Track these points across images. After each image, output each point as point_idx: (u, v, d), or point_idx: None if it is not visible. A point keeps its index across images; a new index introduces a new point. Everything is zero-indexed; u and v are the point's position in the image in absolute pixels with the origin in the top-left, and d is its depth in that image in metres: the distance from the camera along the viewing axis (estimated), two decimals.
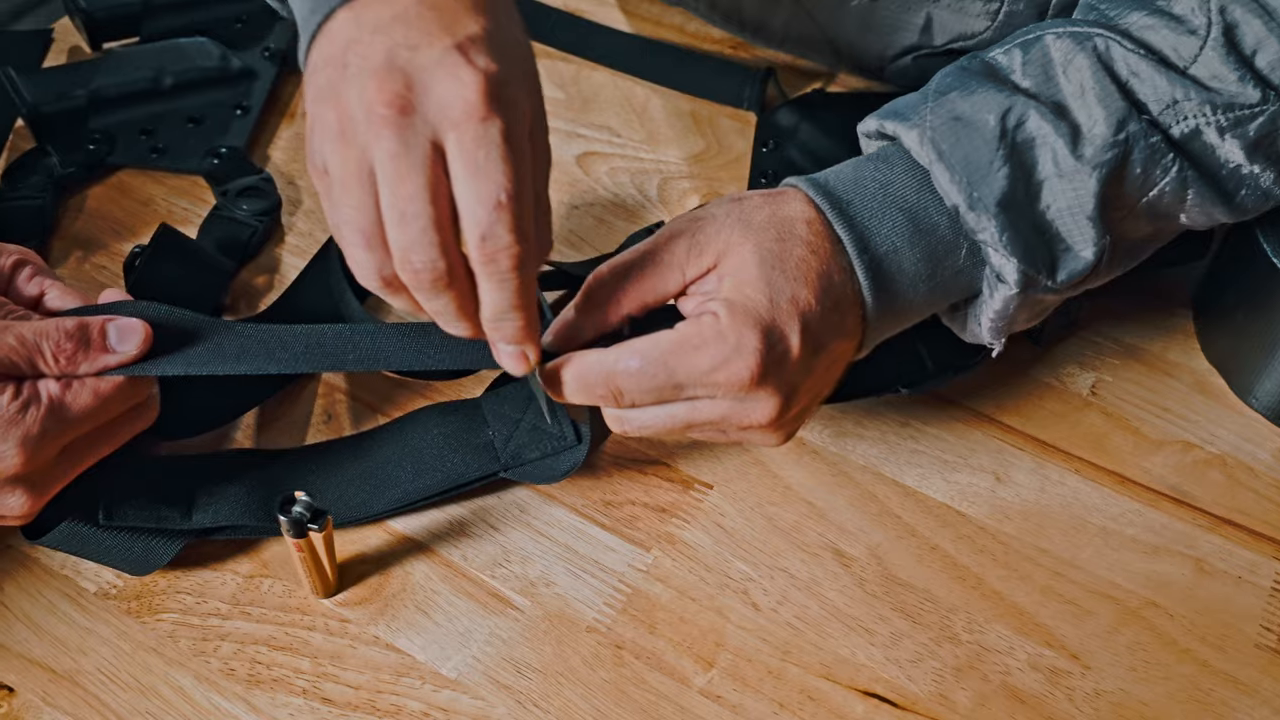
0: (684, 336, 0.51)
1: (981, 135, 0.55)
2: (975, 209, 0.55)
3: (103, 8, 0.85)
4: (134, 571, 0.60)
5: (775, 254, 0.52)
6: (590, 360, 0.52)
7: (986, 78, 0.57)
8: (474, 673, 0.58)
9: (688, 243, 0.53)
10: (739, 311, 0.51)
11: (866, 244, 0.54)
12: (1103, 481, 0.65)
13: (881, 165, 0.56)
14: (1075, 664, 0.58)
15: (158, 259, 0.69)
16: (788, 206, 0.54)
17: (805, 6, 0.81)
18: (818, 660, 0.58)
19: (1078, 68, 0.56)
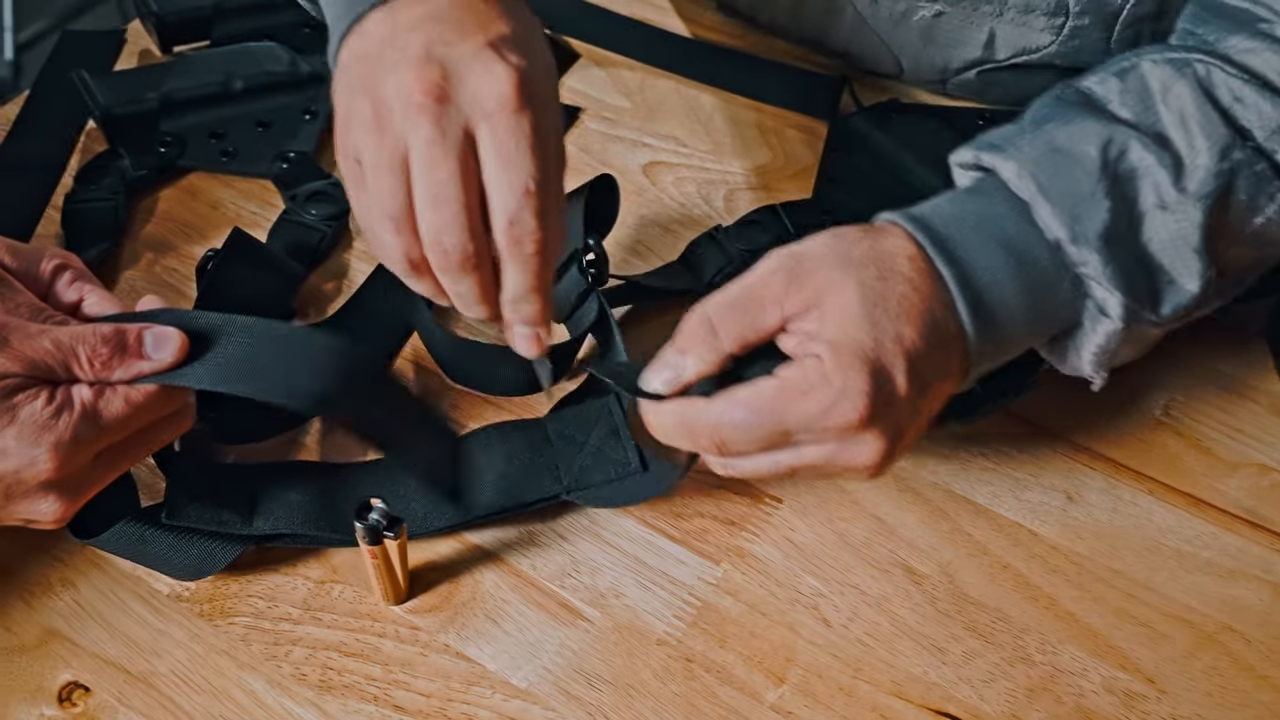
0: (789, 383, 0.50)
1: (1082, 167, 0.54)
2: (1078, 243, 0.54)
3: (174, 11, 0.85)
4: (185, 577, 0.61)
5: (878, 291, 0.52)
6: (696, 411, 0.52)
7: (1083, 107, 0.57)
8: (544, 683, 0.58)
9: (786, 278, 0.52)
10: (844, 353, 0.50)
11: (968, 279, 0.53)
12: (1176, 503, 0.64)
13: (980, 198, 0.56)
14: (1151, 688, 0.58)
15: (229, 263, 0.69)
16: (887, 241, 0.54)
17: (868, 20, 0.81)
18: (889, 678, 0.58)
19: (1177, 95, 0.55)
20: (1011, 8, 0.75)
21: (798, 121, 0.84)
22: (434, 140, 0.50)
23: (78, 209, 0.76)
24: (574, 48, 0.89)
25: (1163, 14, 0.74)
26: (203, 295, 0.68)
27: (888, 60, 0.84)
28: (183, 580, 0.61)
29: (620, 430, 0.63)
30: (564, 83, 0.86)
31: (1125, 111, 0.56)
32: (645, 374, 0.54)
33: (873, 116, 0.80)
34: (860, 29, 0.83)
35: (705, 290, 0.72)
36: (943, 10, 0.77)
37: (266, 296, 0.70)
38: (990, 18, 0.77)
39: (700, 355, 0.52)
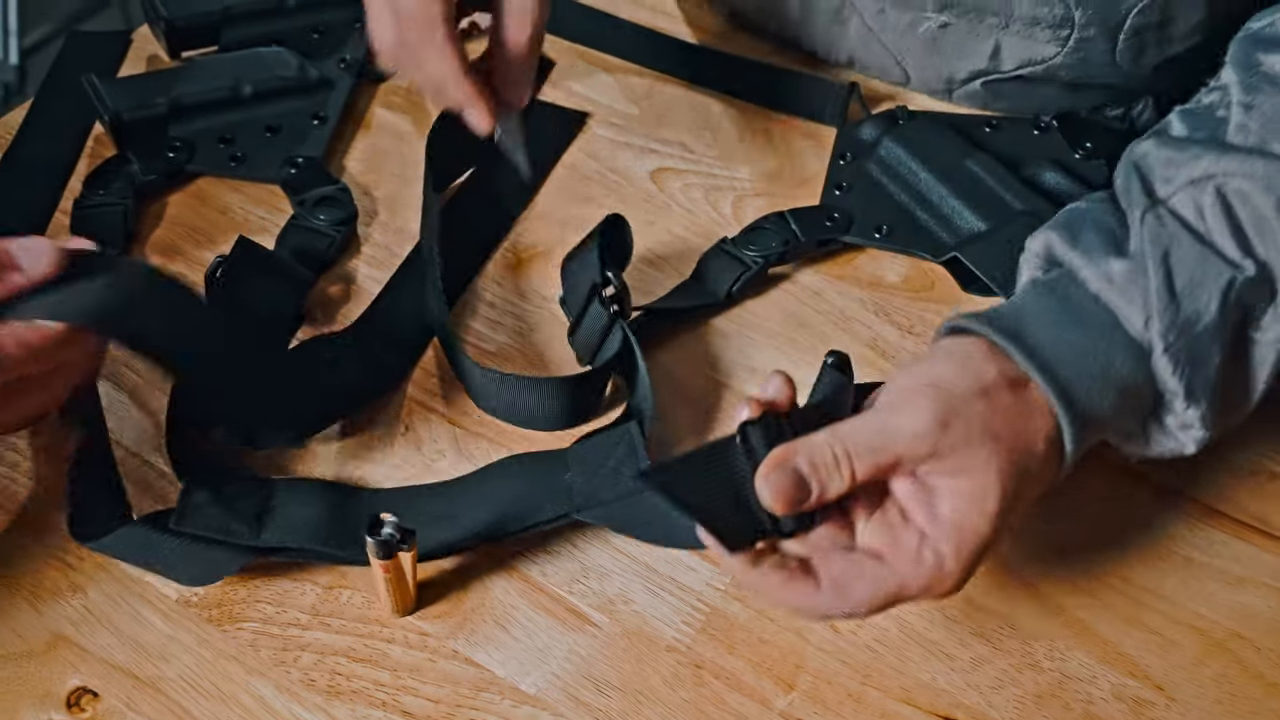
0: (910, 582, 0.50)
1: (1204, 325, 0.54)
2: (1190, 398, 0.54)
3: (183, 16, 0.85)
4: (189, 583, 0.61)
5: (1015, 489, 0.51)
6: (805, 598, 0.51)
7: (1192, 239, 0.55)
8: (553, 689, 0.58)
9: (931, 446, 0.50)
10: (966, 549, 0.50)
11: (1084, 431, 0.53)
12: (1186, 510, 0.64)
13: (1100, 341, 0.54)
14: (1160, 695, 0.58)
15: (238, 270, 0.69)
16: (1033, 420, 0.52)
17: (874, 30, 0.81)
18: (898, 684, 0.58)
19: (1265, 222, 0.55)
20: (1017, 19, 0.75)
21: (805, 128, 0.84)
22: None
23: (87, 213, 0.76)
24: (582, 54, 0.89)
25: (1165, 23, 0.74)
26: (212, 302, 0.68)
27: (894, 70, 0.84)
28: (187, 586, 0.61)
29: (638, 450, 0.63)
30: (571, 88, 0.86)
31: (1227, 244, 0.55)
32: (762, 484, 0.50)
33: (881, 123, 0.80)
34: (866, 39, 0.83)
35: (725, 303, 0.73)
36: (948, 22, 0.77)
37: (275, 302, 0.70)
38: (996, 29, 0.77)
39: (826, 488, 0.50)
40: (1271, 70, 0.59)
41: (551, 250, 0.76)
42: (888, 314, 0.73)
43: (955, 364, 0.53)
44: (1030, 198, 0.73)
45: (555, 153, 0.82)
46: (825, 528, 0.52)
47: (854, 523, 0.52)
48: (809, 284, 0.75)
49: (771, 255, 0.73)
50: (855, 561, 0.51)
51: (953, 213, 0.74)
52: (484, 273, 0.75)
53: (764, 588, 0.51)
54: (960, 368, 0.53)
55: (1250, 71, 0.59)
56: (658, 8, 0.93)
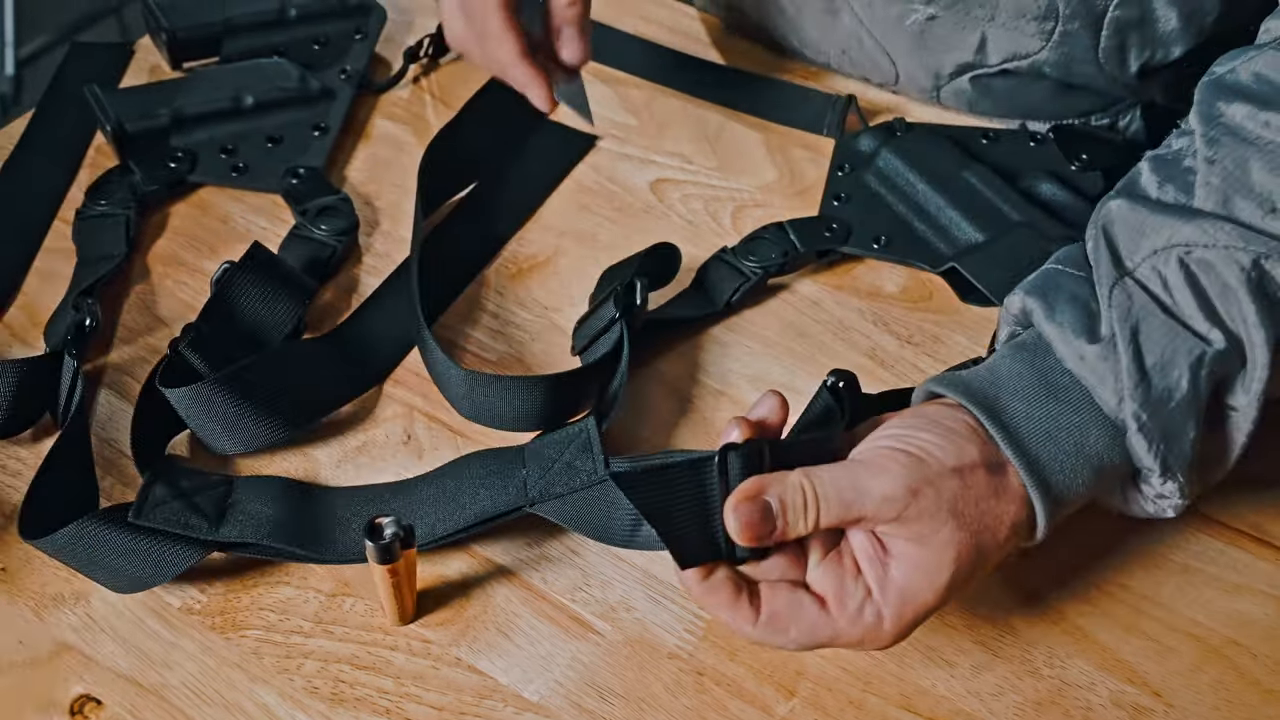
0: (845, 634, 0.52)
1: (1178, 404, 0.54)
2: (1167, 474, 0.55)
3: (185, 28, 0.86)
4: (125, 589, 0.60)
5: (970, 564, 0.52)
6: (743, 623, 0.52)
7: (1163, 317, 0.55)
8: (556, 697, 0.58)
9: (898, 512, 0.51)
10: (908, 614, 0.52)
11: (1057, 509, 0.54)
12: (1183, 518, 0.64)
13: (1074, 417, 0.55)
14: (1158, 701, 0.58)
15: (242, 275, 0.69)
16: (1003, 506, 0.53)
17: (864, 23, 0.82)
18: (898, 691, 0.58)
19: (1231, 294, 0.55)
20: (1003, 11, 0.76)
21: (803, 139, 0.85)
22: None
23: (89, 222, 0.76)
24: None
25: (1144, 21, 0.75)
26: (211, 304, 0.69)
27: (884, 65, 0.85)
28: (125, 593, 0.61)
29: (592, 445, 0.63)
30: None
31: (1195, 317, 0.55)
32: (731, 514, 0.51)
33: (878, 135, 0.81)
34: (857, 33, 0.83)
35: (724, 312, 0.73)
36: (935, 14, 0.78)
37: (277, 310, 0.70)
38: (983, 21, 0.77)
39: (790, 527, 0.52)
40: (1231, 122, 0.58)
41: (552, 260, 0.77)
42: (886, 324, 0.73)
43: (938, 436, 0.54)
44: (1027, 209, 0.74)
45: (561, 172, 0.82)
46: (778, 559, 0.53)
47: (807, 556, 0.54)
48: (808, 294, 0.75)
49: (771, 266, 0.74)
50: (797, 602, 0.52)
51: (950, 223, 0.75)
52: (485, 283, 0.75)
53: (707, 601, 0.53)
54: (943, 441, 0.54)
55: (1211, 124, 0.59)
56: (658, 21, 0.93)
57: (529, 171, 0.82)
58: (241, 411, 0.65)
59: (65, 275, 0.75)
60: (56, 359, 0.67)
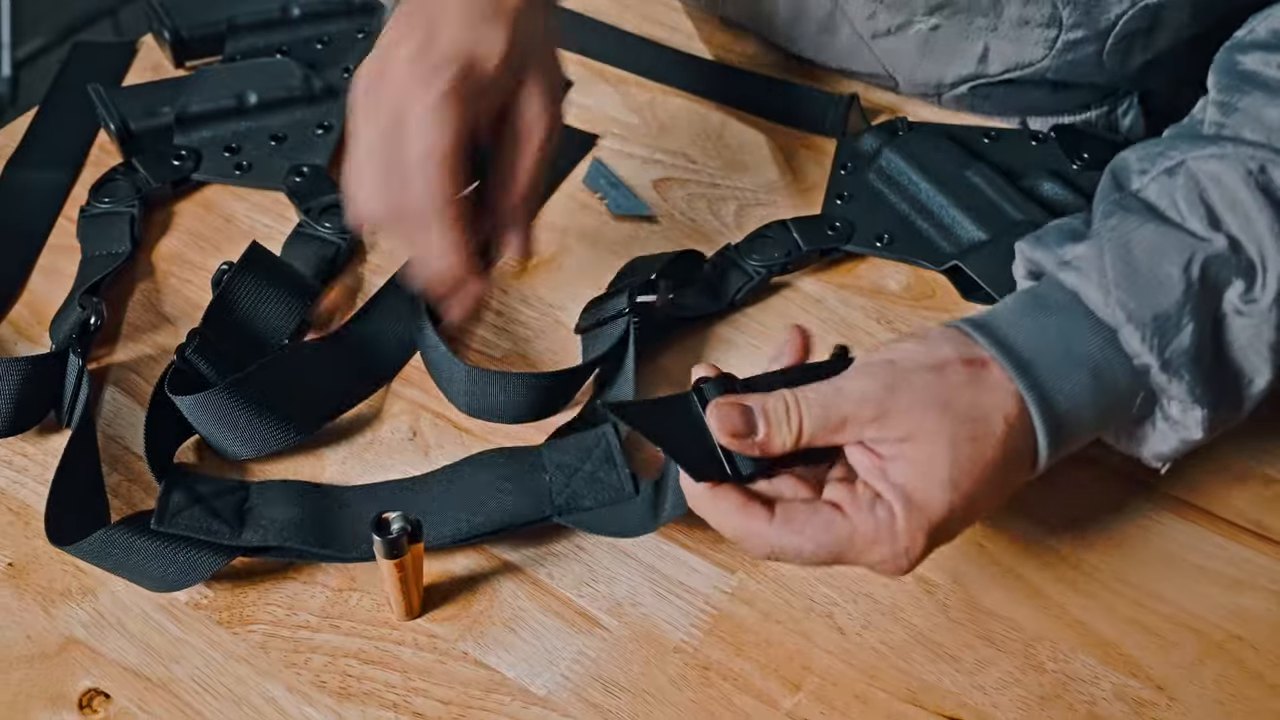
0: (859, 531, 0.51)
1: (1168, 292, 0.53)
2: (1168, 369, 0.53)
3: (188, 27, 0.86)
4: (162, 589, 0.61)
5: (968, 456, 0.51)
6: (757, 527, 0.51)
7: (1151, 218, 0.56)
8: (563, 690, 0.58)
9: (876, 408, 0.51)
10: (916, 513, 0.50)
11: (1055, 416, 0.53)
12: (1185, 514, 0.65)
13: (1063, 320, 0.54)
14: (1161, 695, 0.58)
15: (243, 275, 0.69)
16: (991, 395, 0.52)
17: (863, 37, 0.82)
18: (904, 685, 0.59)
19: (1238, 199, 0.54)
20: (1006, 21, 0.76)
21: (805, 139, 0.85)
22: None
23: (94, 220, 0.76)
24: (584, 65, 0.90)
25: (1154, 28, 0.75)
26: (213, 307, 0.69)
27: (883, 77, 0.85)
28: (160, 592, 0.61)
29: (616, 457, 0.64)
30: (574, 99, 0.87)
31: (1196, 223, 0.55)
32: (713, 412, 0.52)
33: (880, 134, 0.81)
34: (856, 46, 0.84)
35: (730, 309, 0.73)
36: (938, 24, 0.79)
37: (277, 310, 0.70)
38: (985, 32, 0.78)
39: (771, 436, 0.52)
40: (1248, 68, 0.59)
41: (556, 258, 0.77)
42: (889, 322, 0.74)
43: (914, 341, 0.54)
44: (1029, 208, 0.75)
45: (563, 172, 0.82)
46: (791, 479, 0.53)
47: (822, 486, 0.54)
48: (811, 292, 0.75)
49: (774, 265, 0.74)
50: (813, 506, 0.52)
51: (953, 222, 0.75)
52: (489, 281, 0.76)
53: (717, 510, 0.52)
54: (918, 345, 0.54)
55: (1229, 73, 0.60)
56: (660, 21, 0.94)
57: None
58: (251, 417, 0.65)
59: (69, 272, 0.75)
60: (61, 357, 0.67)
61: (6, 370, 0.65)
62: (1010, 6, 0.75)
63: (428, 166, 0.58)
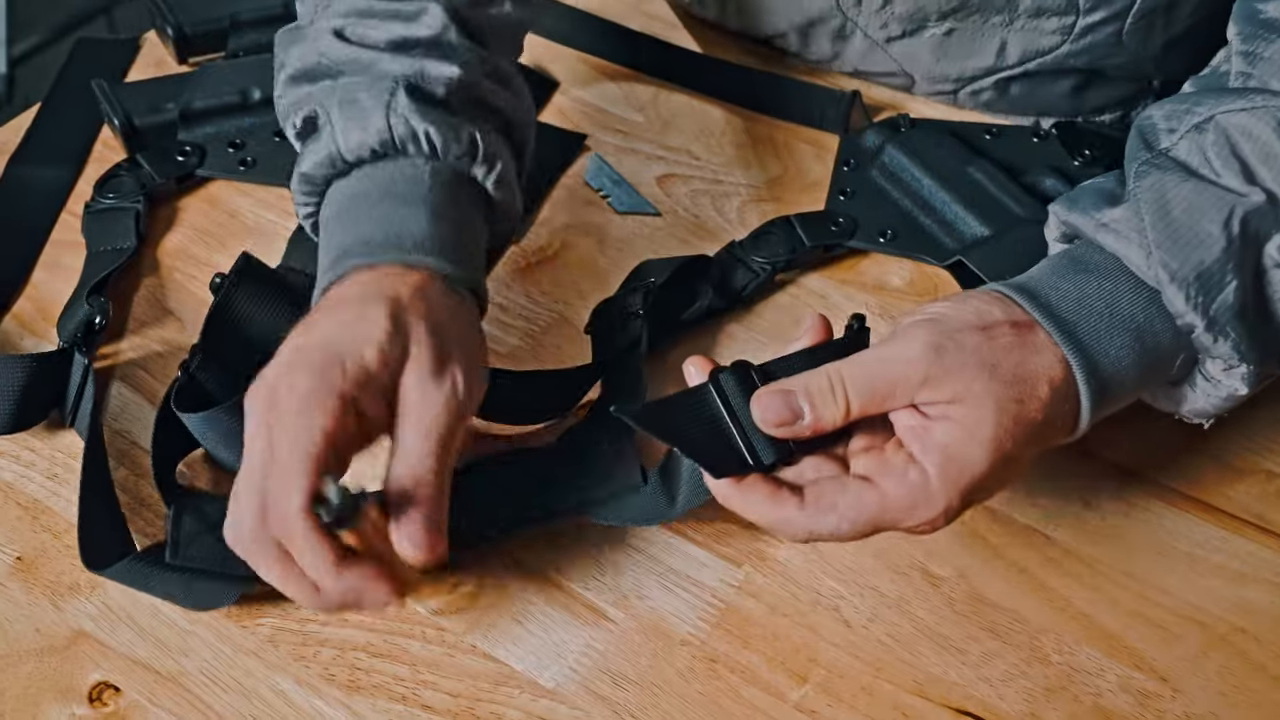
0: (892, 499, 0.50)
1: (1209, 249, 0.53)
2: (1213, 329, 0.53)
3: (192, 23, 0.86)
4: (195, 608, 0.60)
5: (1013, 417, 0.51)
6: (788, 514, 0.51)
7: (1186, 175, 0.55)
8: (571, 683, 0.58)
9: (925, 371, 0.51)
10: (952, 473, 0.50)
11: (1100, 379, 0.53)
12: (1187, 508, 0.66)
13: (1105, 282, 0.55)
14: (1165, 687, 0.59)
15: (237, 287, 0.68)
16: (1037, 358, 0.52)
17: (877, 42, 0.83)
18: (910, 677, 0.59)
19: (1271, 150, 0.54)
20: (1022, 14, 0.76)
21: (808, 135, 0.85)
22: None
23: (98, 215, 0.77)
24: (586, 61, 0.90)
25: (1173, 4, 0.76)
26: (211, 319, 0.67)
27: (899, 77, 0.86)
28: (195, 610, 0.60)
29: (627, 452, 0.64)
30: (576, 95, 0.88)
31: (1231, 178, 0.55)
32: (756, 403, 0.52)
33: (883, 131, 0.81)
34: (870, 51, 0.84)
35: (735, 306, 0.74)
36: (954, 27, 0.79)
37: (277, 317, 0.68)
38: (1000, 28, 0.78)
39: (820, 415, 0.51)
40: (1271, 16, 0.59)
41: (560, 254, 0.77)
42: (894, 317, 0.74)
43: (956, 301, 0.54)
44: (1031, 204, 0.75)
45: (553, 175, 0.82)
46: (815, 459, 0.53)
47: (848, 462, 0.53)
48: (814, 288, 0.76)
49: (779, 262, 0.74)
50: (841, 482, 0.52)
51: (956, 218, 0.76)
52: (494, 277, 0.76)
53: (747, 503, 0.52)
54: (961, 304, 0.54)
55: (1251, 22, 0.59)
56: (663, 18, 0.94)
57: None
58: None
59: (74, 268, 0.75)
60: (66, 355, 0.67)
61: (11, 367, 0.65)
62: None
63: (291, 464, 0.50)
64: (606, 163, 0.82)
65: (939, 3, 0.77)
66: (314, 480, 0.50)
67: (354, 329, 0.54)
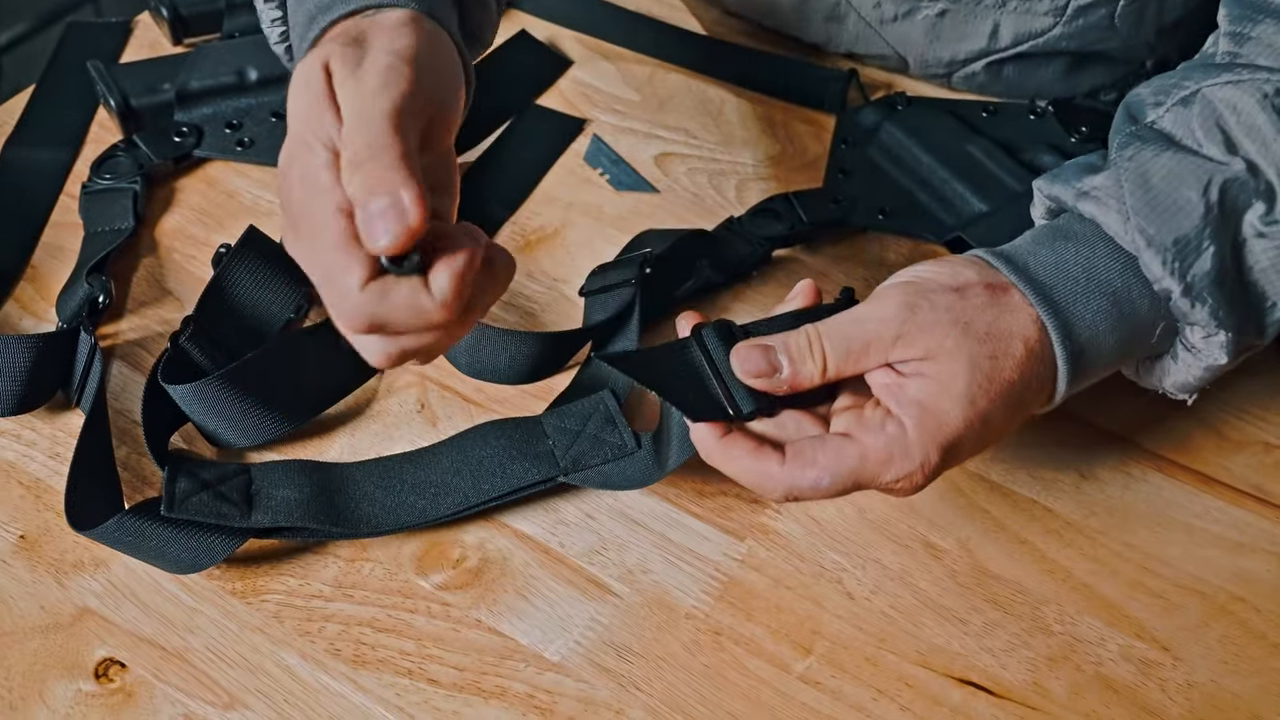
0: (871, 452, 0.51)
1: (1187, 215, 0.54)
2: (1189, 294, 0.54)
3: (187, 4, 0.86)
4: (180, 571, 0.61)
5: (985, 373, 0.51)
6: (769, 469, 0.52)
7: (1167, 145, 0.56)
8: (576, 656, 0.59)
9: (897, 329, 0.52)
10: (929, 426, 0.51)
11: (1075, 343, 0.53)
12: (1185, 480, 0.66)
13: (1083, 248, 0.55)
14: (1166, 655, 0.59)
15: (240, 261, 0.69)
16: (1008, 318, 0.53)
17: (871, 24, 0.83)
18: (913, 648, 0.59)
19: (1254, 123, 0.55)
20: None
21: (805, 114, 0.85)
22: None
23: (95, 196, 0.76)
24: (583, 41, 0.90)
25: None
26: (209, 292, 0.68)
27: (893, 59, 0.86)
28: (181, 574, 0.61)
29: (616, 419, 0.65)
30: (573, 75, 0.88)
31: (1213, 148, 0.55)
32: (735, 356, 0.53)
33: (880, 109, 0.82)
34: (864, 33, 0.84)
35: (732, 281, 0.74)
36: (946, 8, 0.79)
37: (275, 295, 0.70)
38: (993, 9, 0.78)
39: (798, 370, 0.52)
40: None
41: (560, 233, 0.77)
42: None
43: (934, 263, 0.55)
44: (1029, 180, 0.75)
45: (551, 156, 0.82)
46: (796, 415, 0.54)
47: (829, 420, 0.54)
48: (814, 265, 0.76)
49: (776, 239, 0.75)
50: (821, 438, 0.52)
51: (954, 195, 0.76)
52: None
53: (729, 458, 0.53)
54: (938, 266, 0.54)
55: (1239, 3, 0.60)
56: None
57: (520, 155, 0.82)
58: (245, 407, 0.64)
59: (72, 249, 0.75)
60: (72, 335, 0.67)
61: (17, 348, 0.64)
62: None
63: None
64: (604, 142, 0.82)
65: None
66: (352, 254, 0.47)
67: (302, 95, 0.50)
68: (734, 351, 0.53)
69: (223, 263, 0.69)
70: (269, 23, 0.64)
